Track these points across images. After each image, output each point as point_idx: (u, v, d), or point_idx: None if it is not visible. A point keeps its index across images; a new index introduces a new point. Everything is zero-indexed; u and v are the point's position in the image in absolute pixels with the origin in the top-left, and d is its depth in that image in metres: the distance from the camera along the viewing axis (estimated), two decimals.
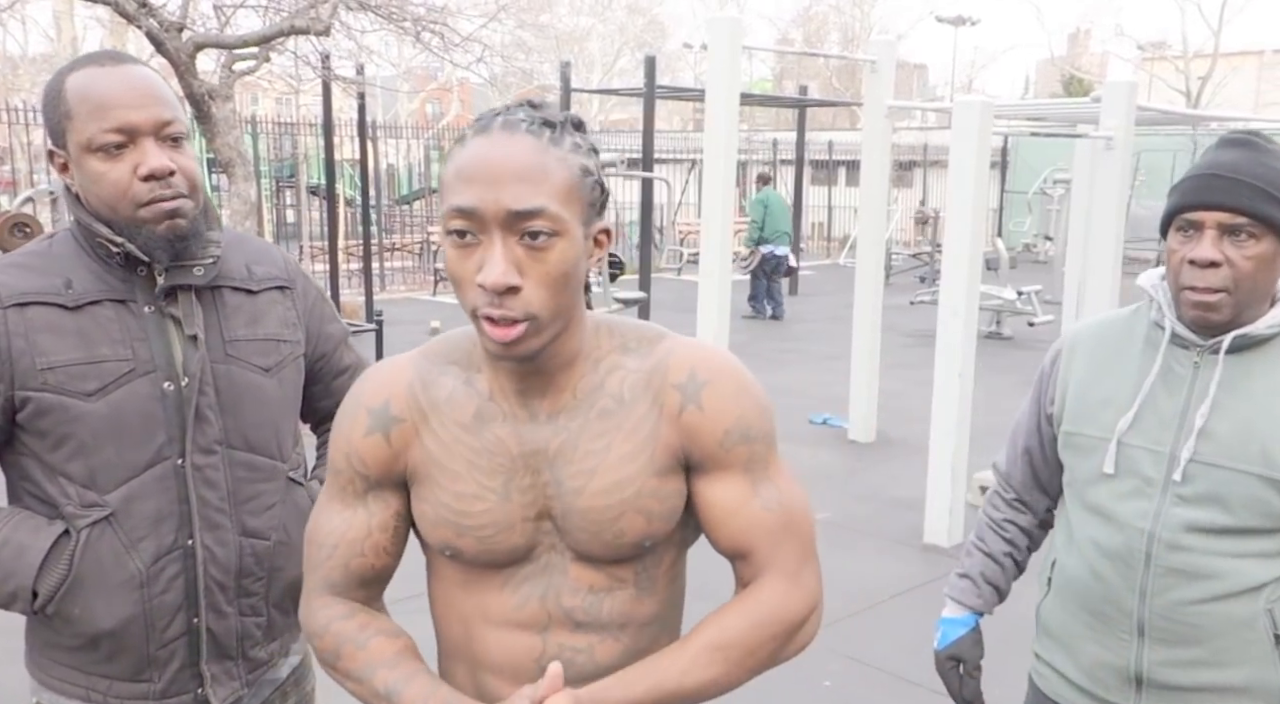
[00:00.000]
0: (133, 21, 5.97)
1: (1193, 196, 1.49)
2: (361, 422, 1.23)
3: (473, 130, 1.12)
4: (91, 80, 1.41)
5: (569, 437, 1.18)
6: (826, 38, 39.21)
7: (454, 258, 1.09)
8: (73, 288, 1.44)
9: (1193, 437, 1.52)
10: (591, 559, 1.20)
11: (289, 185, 16.15)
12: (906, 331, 10.82)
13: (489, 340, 1.10)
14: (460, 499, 1.18)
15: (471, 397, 1.20)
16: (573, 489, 1.18)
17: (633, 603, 1.23)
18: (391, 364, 1.26)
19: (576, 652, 1.21)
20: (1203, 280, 1.48)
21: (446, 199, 1.09)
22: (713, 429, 1.19)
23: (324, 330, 1.69)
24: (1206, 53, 23.86)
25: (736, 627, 1.20)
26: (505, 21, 11.09)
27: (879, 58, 6.26)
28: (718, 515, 1.22)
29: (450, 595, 1.26)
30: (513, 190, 1.06)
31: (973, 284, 4.85)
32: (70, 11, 16.29)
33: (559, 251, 1.08)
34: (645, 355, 1.21)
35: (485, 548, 1.19)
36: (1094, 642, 1.64)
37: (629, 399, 1.19)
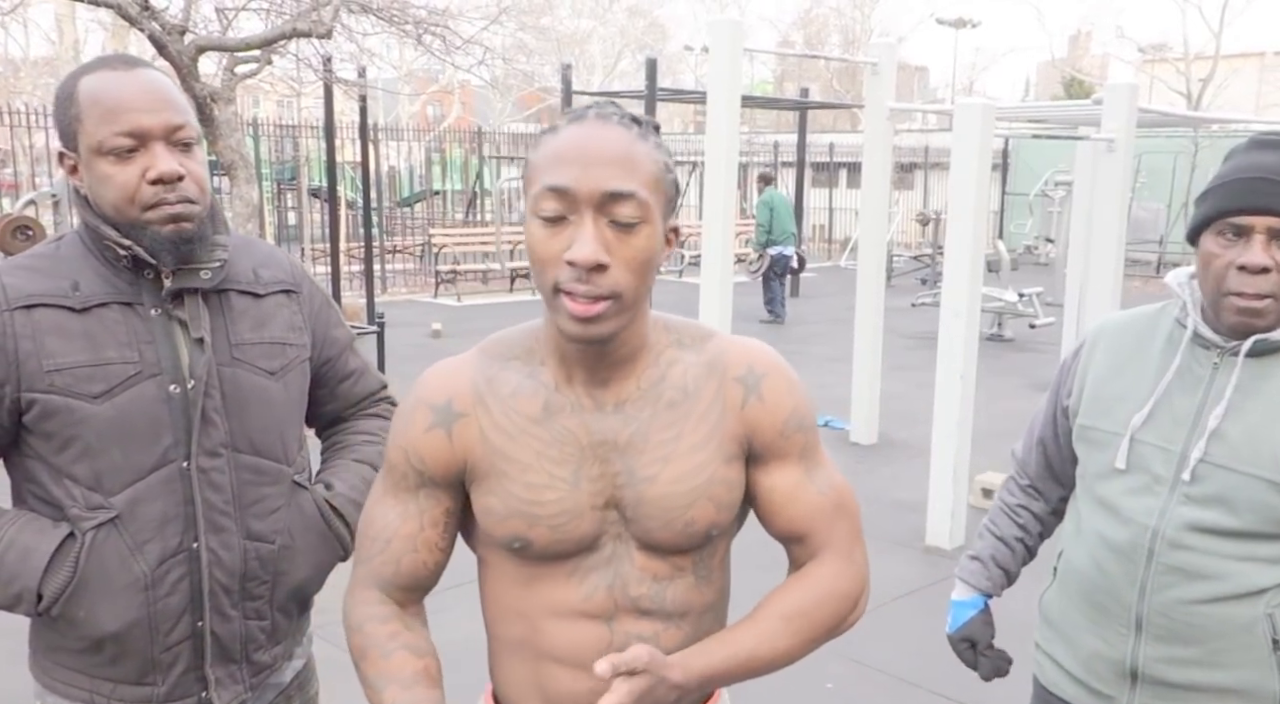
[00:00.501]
0: (135, 24, 5.99)
1: (1239, 200, 1.46)
2: (423, 418, 1.25)
3: (566, 119, 1.17)
4: (104, 83, 1.42)
5: (639, 426, 1.22)
6: (827, 40, 39.23)
7: (541, 236, 1.13)
8: (80, 290, 1.44)
9: (1204, 437, 1.51)
10: (657, 548, 1.24)
11: (290, 188, 16.17)
12: (908, 334, 10.81)
13: (568, 317, 1.13)
14: (531, 489, 1.21)
15: (538, 389, 1.23)
16: (646, 478, 1.21)
17: (692, 591, 1.27)
18: (452, 363, 1.28)
19: (643, 640, 1.24)
20: (1252, 286, 1.45)
21: (538, 180, 1.14)
22: (773, 419, 1.27)
23: (329, 335, 1.69)
24: (1207, 55, 23.86)
25: (802, 599, 1.27)
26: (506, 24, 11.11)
27: (880, 60, 6.27)
28: (778, 501, 1.29)
29: (509, 593, 1.27)
30: (607, 172, 1.11)
31: (974, 286, 4.85)
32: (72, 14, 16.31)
33: (644, 237, 1.14)
34: (700, 350, 1.27)
35: (556, 537, 1.21)
36: (1092, 634, 1.65)
37: (693, 391, 1.25)
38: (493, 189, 16.00)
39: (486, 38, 9.21)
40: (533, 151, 1.18)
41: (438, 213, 18.22)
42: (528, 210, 1.15)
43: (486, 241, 14.45)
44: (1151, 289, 15.71)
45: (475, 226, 16.39)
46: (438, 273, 13.78)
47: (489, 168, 17.47)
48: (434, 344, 10.05)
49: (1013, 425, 7.16)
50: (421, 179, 18.78)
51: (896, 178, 17.77)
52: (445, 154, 18.57)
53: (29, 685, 1.59)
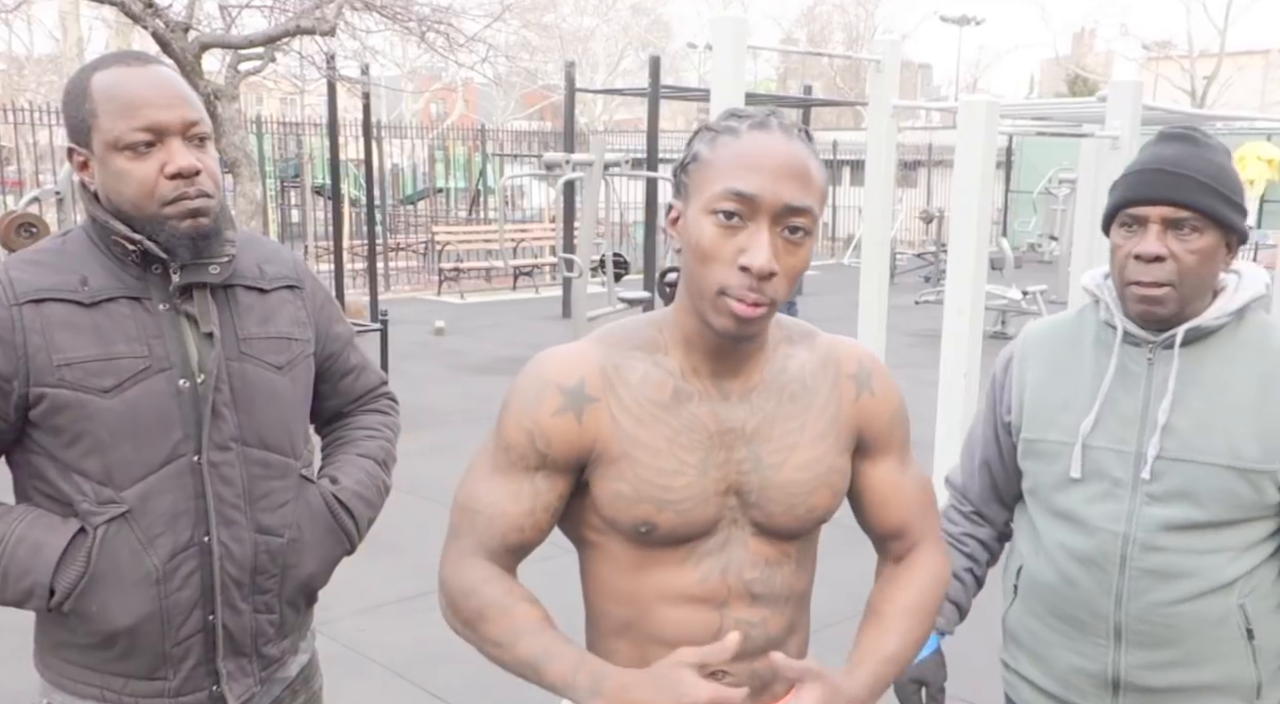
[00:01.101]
0: (139, 22, 5.99)
1: (1136, 191, 1.49)
2: (552, 399, 1.25)
3: (746, 124, 1.19)
4: (119, 79, 1.42)
5: (765, 416, 1.27)
6: (831, 37, 39.20)
7: (715, 236, 1.16)
8: (89, 285, 1.45)
9: (1157, 433, 1.51)
10: (771, 533, 1.28)
11: (294, 185, 16.18)
12: (912, 331, 10.81)
13: (729, 317, 1.16)
14: (663, 474, 1.23)
15: (666, 377, 1.26)
16: (772, 465, 1.26)
17: (794, 576, 1.32)
18: (575, 347, 1.29)
19: (751, 625, 1.28)
20: (1148, 275, 1.48)
21: (719, 180, 1.16)
22: (882, 412, 1.35)
23: (332, 330, 1.70)
24: (1212, 52, 23.82)
25: (920, 591, 1.37)
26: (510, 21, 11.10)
27: (883, 57, 6.26)
28: (884, 493, 1.38)
29: (619, 576, 1.28)
30: (791, 186, 1.16)
31: (978, 284, 4.85)
32: (76, 12, 16.32)
33: (807, 248, 1.20)
34: (809, 347, 1.34)
35: (683, 521, 1.24)
36: (1067, 648, 1.62)
37: (811, 384, 1.31)
38: (496, 187, 16.01)
39: (490, 35, 9.22)
40: (704, 145, 1.21)
41: (441, 211, 18.22)
42: (699, 205, 1.18)
43: (490, 239, 14.45)
44: None
45: (478, 224, 16.40)
46: (441, 270, 13.78)
47: (492, 165, 17.47)
48: (437, 342, 10.06)
49: None
50: (425, 177, 18.77)
51: (900, 175, 17.76)
52: (448, 152, 18.57)
53: (32, 683, 1.59)
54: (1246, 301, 1.53)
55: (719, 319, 1.17)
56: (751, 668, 1.28)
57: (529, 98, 31.81)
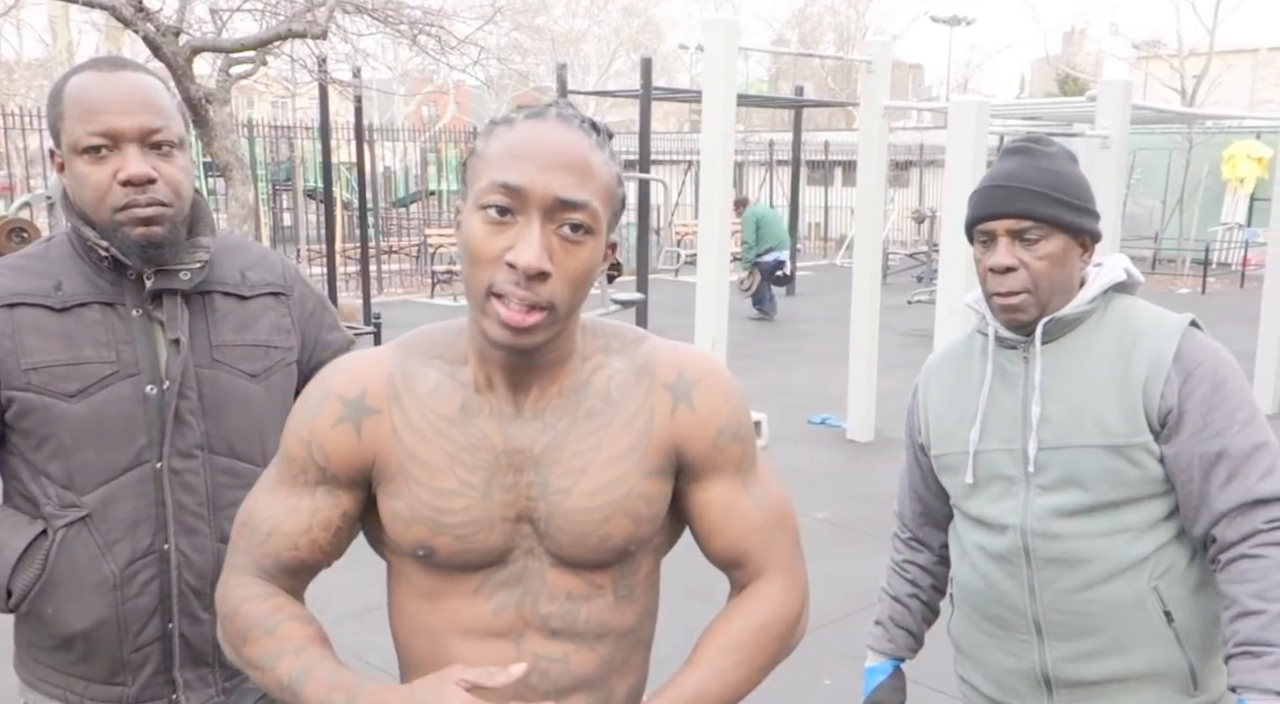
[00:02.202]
0: (130, 26, 5.98)
1: (981, 209, 1.57)
2: (331, 410, 1.17)
3: (523, 114, 1.10)
4: (87, 84, 1.43)
5: (555, 436, 1.15)
6: (822, 38, 39.25)
7: (482, 233, 1.06)
8: (62, 290, 1.46)
9: (1034, 427, 1.57)
10: (571, 564, 1.17)
11: (286, 189, 16.15)
12: (904, 331, 10.83)
13: (496, 324, 1.06)
14: (439, 495, 1.14)
15: (457, 389, 1.16)
16: (560, 490, 1.15)
17: (610, 612, 1.20)
18: (368, 354, 1.21)
19: (552, 661, 1.18)
20: (1004, 285, 1.55)
21: (488, 174, 1.07)
22: (705, 429, 1.19)
23: (322, 338, 1.68)
24: (1201, 51, 23.88)
25: (744, 629, 1.20)
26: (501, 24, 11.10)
27: (874, 58, 6.27)
28: (715, 518, 1.21)
29: (416, 607, 1.20)
30: (564, 178, 1.05)
31: (970, 284, 4.86)
32: (66, 16, 16.28)
33: (589, 249, 1.08)
34: (630, 356, 1.20)
35: (462, 547, 1.14)
36: (999, 649, 1.66)
37: (617, 398, 1.17)
38: None
39: (481, 38, 9.21)
40: (482, 140, 1.11)
41: (433, 213, 18.20)
42: (469, 204, 1.08)
43: None
44: (1147, 285, 15.64)
45: None
46: (434, 273, 13.78)
47: None
48: None
49: None
50: (417, 179, 18.75)
51: (892, 176, 17.77)
52: (441, 154, 18.55)
53: (13, 684, 1.60)
54: (1101, 289, 1.58)
55: (490, 327, 1.07)
56: None
57: (521, 100, 31.80)
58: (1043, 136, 1.62)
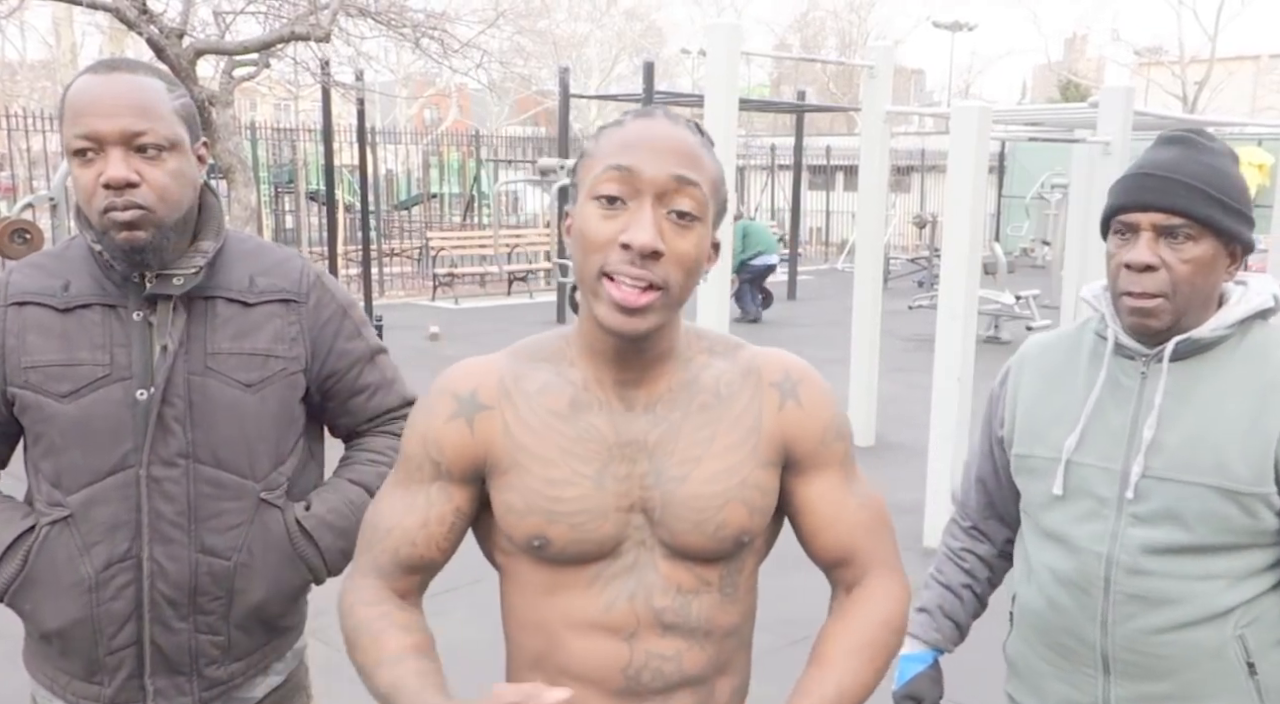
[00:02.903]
0: (133, 28, 6.00)
1: (1127, 197, 1.42)
2: (445, 407, 1.22)
3: (632, 115, 1.16)
4: (81, 87, 1.43)
5: (669, 427, 1.20)
6: (824, 43, 39.29)
7: (595, 218, 1.11)
8: (68, 290, 1.47)
9: (1142, 451, 1.43)
10: (683, 555, 1.19)
11: (288, 191, 16.15)
12: (905, 336, 10.83)
13: (611, 306, 1.10)
14: (552, 485, 1.17)
15: (565, 386, 1.21)
16: (676, 477, 1.18)
17: (717, 609, 1.22)
18: (481, 359, 1.26)
19: (665, 660, 1.19)
20: (1139, 285, 1.40)
21: (599, 164, 1.12)
22: (813, 425, 1.25)
23: (338, 347, 1.61)
24: (1203, 57, 23.91)
25: (867, 628, 1.24)
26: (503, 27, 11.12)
27: (876, 63, 6.28)
28: (823, 513, 1.26)
29: (530, 603, 1.23)
30: (675, 160, 1.11)
31: (971, 288, 4.87)
32: (69, 18, 16.31)
33: (698, 235, 1.12)
34: (732, 358, 1.26)
35: (576, 537, 1.17)
36: (1059, 679, 1.55)
37: (726, 394, 1.22)
38: (490, 192, 16.01)
39: (484, 41, 9.23)
40: (591, 142, 1.16)
41: (435, 216, 18.22)
42: (583, 195, 1.13)
43: (484, 244, 14.46)
44: None
45: (473, 229, 16.39)
46: (435, 276, 13.78)
47: (486, 171, 17.47)
48: (432, 347, 10.05)
49: None
50: (419, 182, 18.76)
51: (893, 180, 17.81)
52: (443, 157, 18.57)
53: (21, 684, 1.61)
54: (1247, 314, 1.44)
55: (603, 311, 1.10)
56: None
57: (523, 103, 31.82)
58: (1205, 130, 1.47)
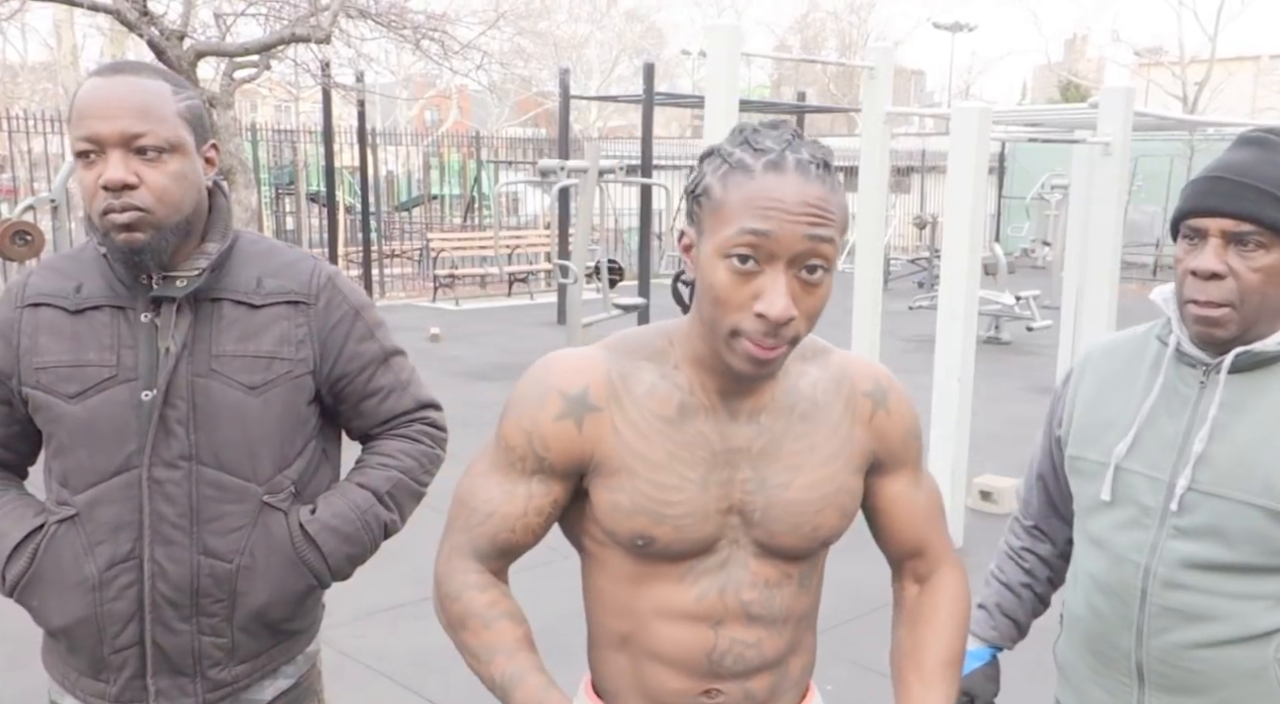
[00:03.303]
0: (134, 30, 6.00)
1: (1195, 201, 1.37)
2: (554, 405, 1.24)
3: (761, 163, 1.13)
4: (86, 89, 1.45)
5: (773, 437, 1.25)
6: (824, 44, 39.30)
7: (730, 281, 1.13)
8: (80, 292, 1.49)
9: (1190, 463, 1.39)
10: (774, 554, 1.27)
11: (289, 192, 16.17)
12: (906, 337, 10.83)
13: (745, 359, 1.15)
14: (661, 489, 1.22)
15: (673, 391, 1.24)
16: (779, 484, 1.25)
17: (794, 598, 1.31)
18: (583, 353, 1.27)
19: (747, 646, 1.27)
20: (1204, 293, 1.35)
21: (734, 222, 1.11)
22: (897, 430, 1.34)
23: (348, 349, 1.60)
24: (1203, 58, 23.90)
25: (956, 637, 1.35)
26: (504, 29, 11.14)
27: (877, 64, 6.29)
28: (901, 511, 1.36)
29: (621, 590, 1.28)
30: (807, 224, 1.11)
31: (971, 289, 4.87)
32: (70, 20, 16.31)
33: (826, 286, 1.16)
34: (823, 365, 1.32)
35: (679, 537, 1.23)
36: (1096, 685, 1.53)
37: (823, 403, 1.29)
38: (490, 193, 16.02)
39: (484, 42, 9.24)
40: (715, 181, 1.15)
41: (436, 217, 18.22)
42: (712, 246, 1.13)
43: (484, 246, 14.46)
44: (1147, 292, 15.67)
45: (473, 231, 16.40)
46: (436, 277, 13.77)
47: (487, 172, 17.48)
48: (433, 348, 10.05)
49: (1010, 428, 7.17)
50: (419, 183, 18.77)
51: (893, 181, 17.79)
52: (443, 158, 18.58)
53: (24, 691, 1.61)
54: None
55: (734, 360, 1.16)
56: (745, 687, 1.28)
57: (523, 104, 31.82)
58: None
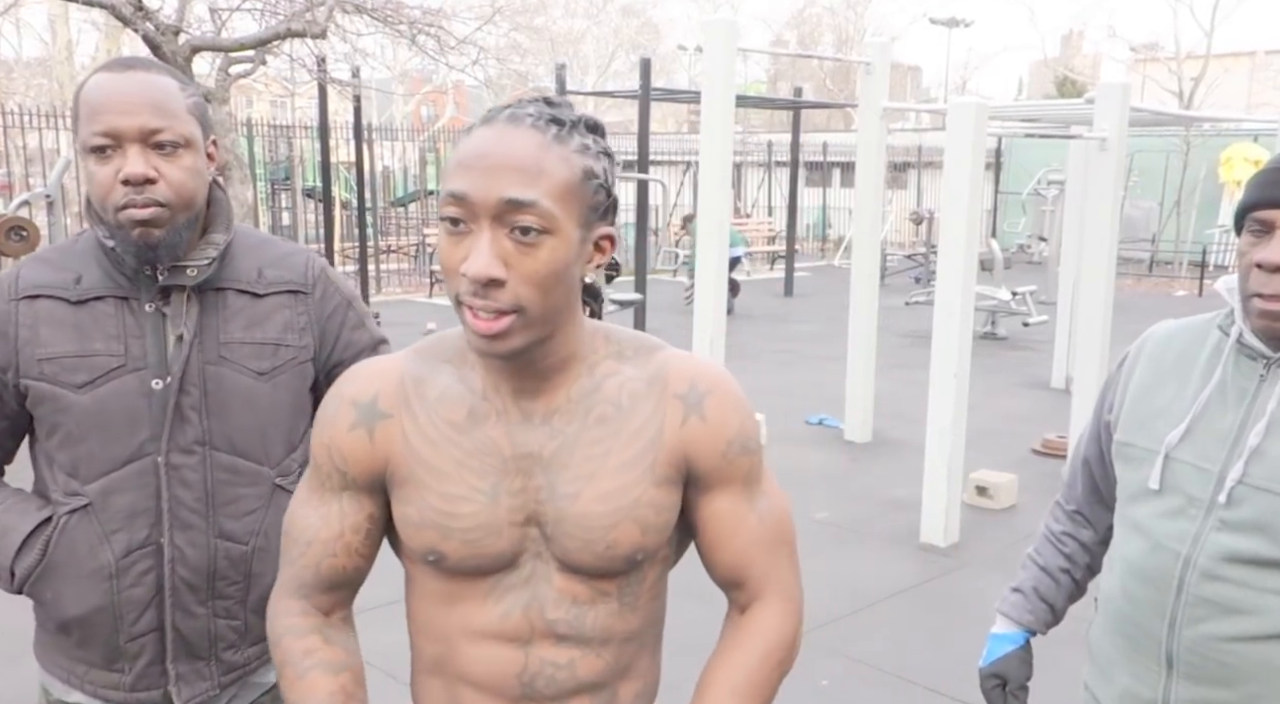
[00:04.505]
0: (129, 25, 5.98)
1: (1262, 192, 1.34)
2: (346, 416, 1.20)
3: (480, 121, 1.11)
4: (97, 84, 1.46)
5: (565, 441, 1.16)
6: (821, 39, 39.27)
7: (445, 245, 1.09)
8: (80, 283, 1.50)
9: (1244, 457, 1.37)
10: (578, 570, 1.18)
11: (284, 188, 16.13)
12: (902, 332, 10.84)
13: (471, 333, 1.09)
14: (447, 500, 1.15)
15: (464, 394, 1.18)
16: (567, 494, 1.15)
17: (615, 618, 1.21)
18: (384, 360, 1.23)
19: (558, 668, 1.19)
20: (1269, 287, 1.33)
21: (445, 184, 1.09)
22: (715, 441, 1.19)
23: (344, 337, 1.66)
24: (1199, 54, 23.90)
25: (749, 665, 1.21)
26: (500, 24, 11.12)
27: (873, 59, 6.29)
28: (719, 531, 1.22)
29: (430, 610, 1.23)
30: (505, 180, 1.05)
31: (968, 285, 4.87)
32: (65, 15, 16.27)
33: (549, 249, 1.07)
34: (642, 364, 1.20)
35: (471, 552, 1.16)
36: (1125, 670, 1.53)
37: (627, 406, 1.18)
38: None
39: (480, 38, 9.22)
40: (453, 150, 1.13)
41: (432, 213, 18.19)
42: None
43: None
44: (1144, 288, 15.75)
45: None
46: (432, 273, 13.76)
47: None
48: None
49: (1006, 424, 7.18)
50: (416, 179, 18.74)
51: (890, 177, 17.79)
52: (439, 154, 18.56)
53: (22, 687, 1.61)
54: None
55: (469, 335, 1.09)
56: None
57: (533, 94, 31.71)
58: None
